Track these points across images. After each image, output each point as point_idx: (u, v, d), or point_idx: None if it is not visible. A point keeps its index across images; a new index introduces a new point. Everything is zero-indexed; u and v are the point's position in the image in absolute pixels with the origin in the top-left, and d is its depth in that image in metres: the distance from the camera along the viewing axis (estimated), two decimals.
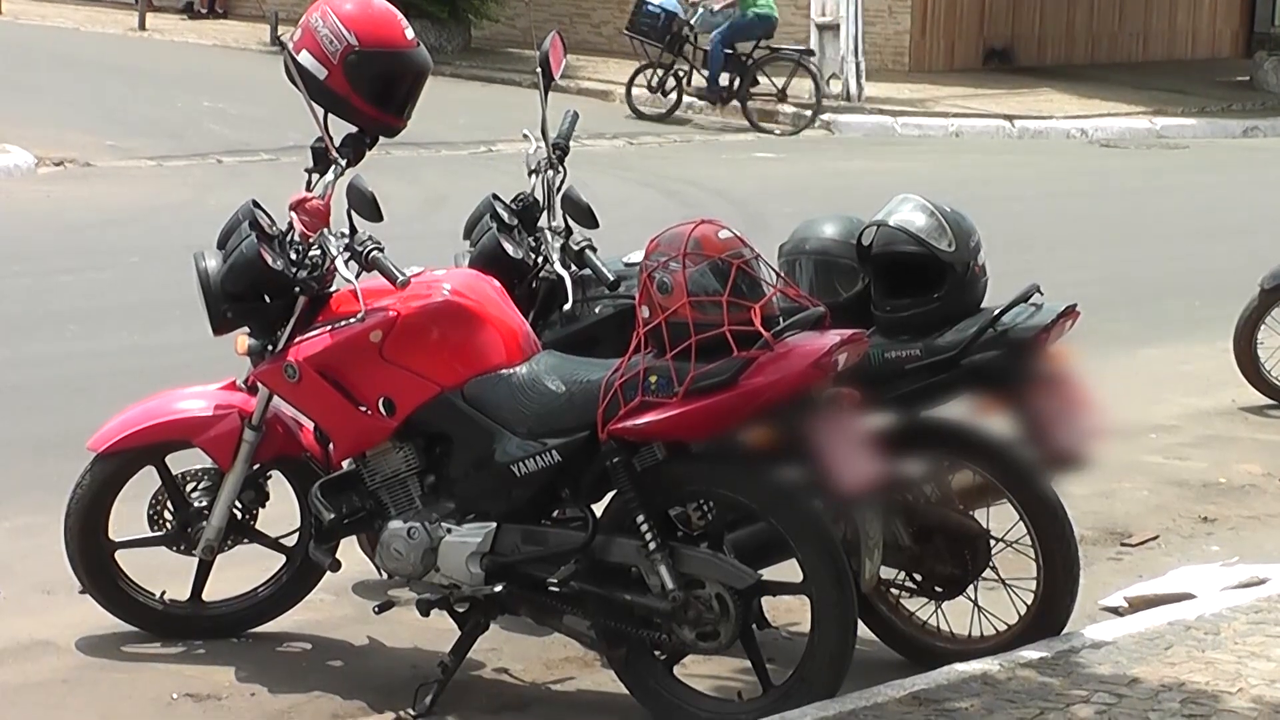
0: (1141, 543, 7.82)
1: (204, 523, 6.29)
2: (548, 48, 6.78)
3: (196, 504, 6.33)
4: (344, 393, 5.92)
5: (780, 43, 21.74)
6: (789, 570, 5.68)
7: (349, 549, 6.31)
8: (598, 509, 5.77)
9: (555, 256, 6.53)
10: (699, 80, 21.70)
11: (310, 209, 5.90)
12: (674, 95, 21.71)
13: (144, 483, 6.38)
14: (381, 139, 6.28)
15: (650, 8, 21.49)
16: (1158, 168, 20.38)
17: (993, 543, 6.20)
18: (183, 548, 6.37)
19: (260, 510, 6.42)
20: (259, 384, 6.16)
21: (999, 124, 22.61)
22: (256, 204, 6.15)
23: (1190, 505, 8.37)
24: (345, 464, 6.08)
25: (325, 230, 5.93)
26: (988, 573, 6.22)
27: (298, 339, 5.99)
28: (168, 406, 6.34)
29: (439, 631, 6.13)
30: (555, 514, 5.89)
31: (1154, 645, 6.08)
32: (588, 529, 5.68)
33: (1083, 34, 29.11)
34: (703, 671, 6.06)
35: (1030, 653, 5.95)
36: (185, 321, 8.12)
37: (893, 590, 6.29)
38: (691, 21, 21.54)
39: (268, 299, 6.05)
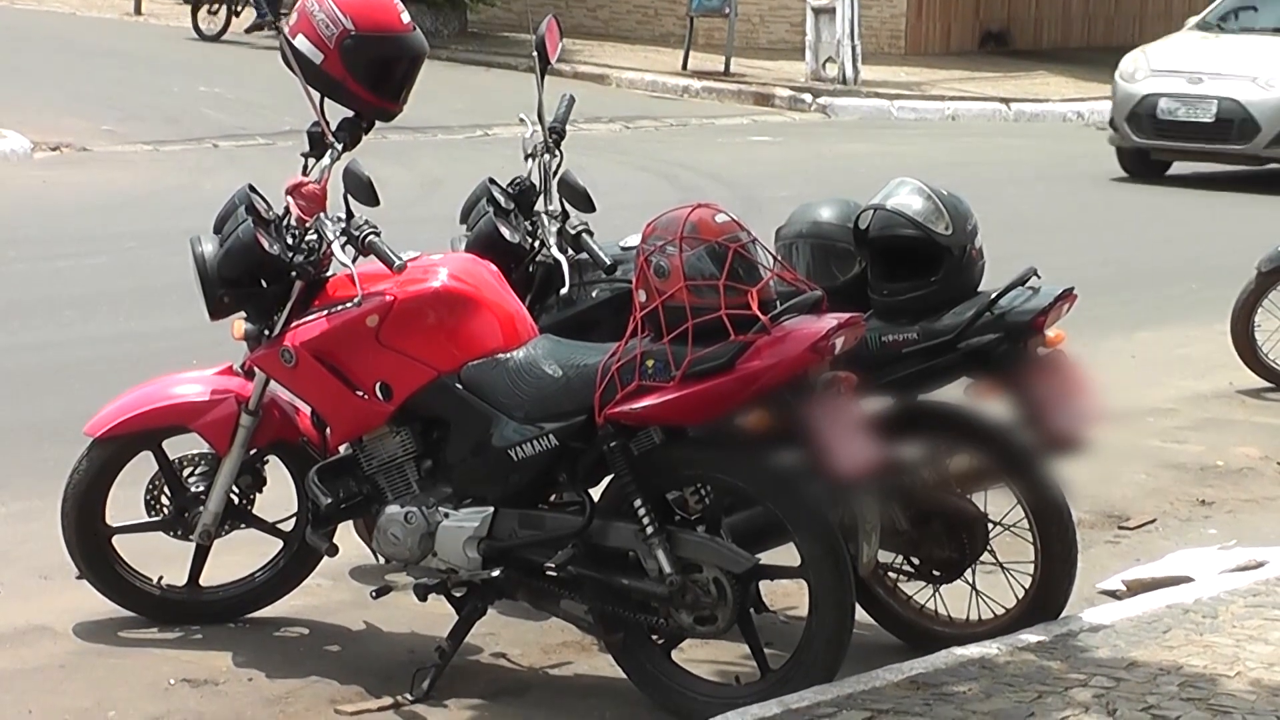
0: (1139, 526, 7.82)
1: (201, 508, 6.28)
2: (544, 32, 6.77)
3: (193, 489, 6.32)
4: (341, 377, 5.91)
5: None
6: (787, 554, 5.67)
7: (346, 534, 6.30)
8: (595, 493, 5.76)
9: (552, 241, 6.52)
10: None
11: (307, 193, 5.89)
12: (224, 17, 24.07)
13: (141, 468, 6.37)
14: (378, 123, 6.27)
15: None
16: None
17: (990, 526, 6.20)
18: (180, 533, 6.37)
19: (257, 495, 6.41)
20: (255, 369, 6.15)
21: (995, 107, 22.61)
22: (253, 189, 6.14)
23: (1188, 488, 8.36)
24: (342, 449, 6.07)
25: (322, 215, 5.91)
26: (985, 556, 6.21)
27: (294, 324, 5.98)
28: (164, 391, 6.33)
29: (436, 616, 6.12)
30: (552, 498, 5.89)
31: (1152, 629, 6.08)
32: (585, 513, 5.68)
33: (1079, 16, 29.10)
34: (700, 656, 6.05)
35: (1028, 636, 5.95)
36: (182, 306, 8.11)
37: (890, 574, 6.28)
38: None
39: (264, 284, 6.03)
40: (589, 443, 5.66)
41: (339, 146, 6.07)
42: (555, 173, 6.72)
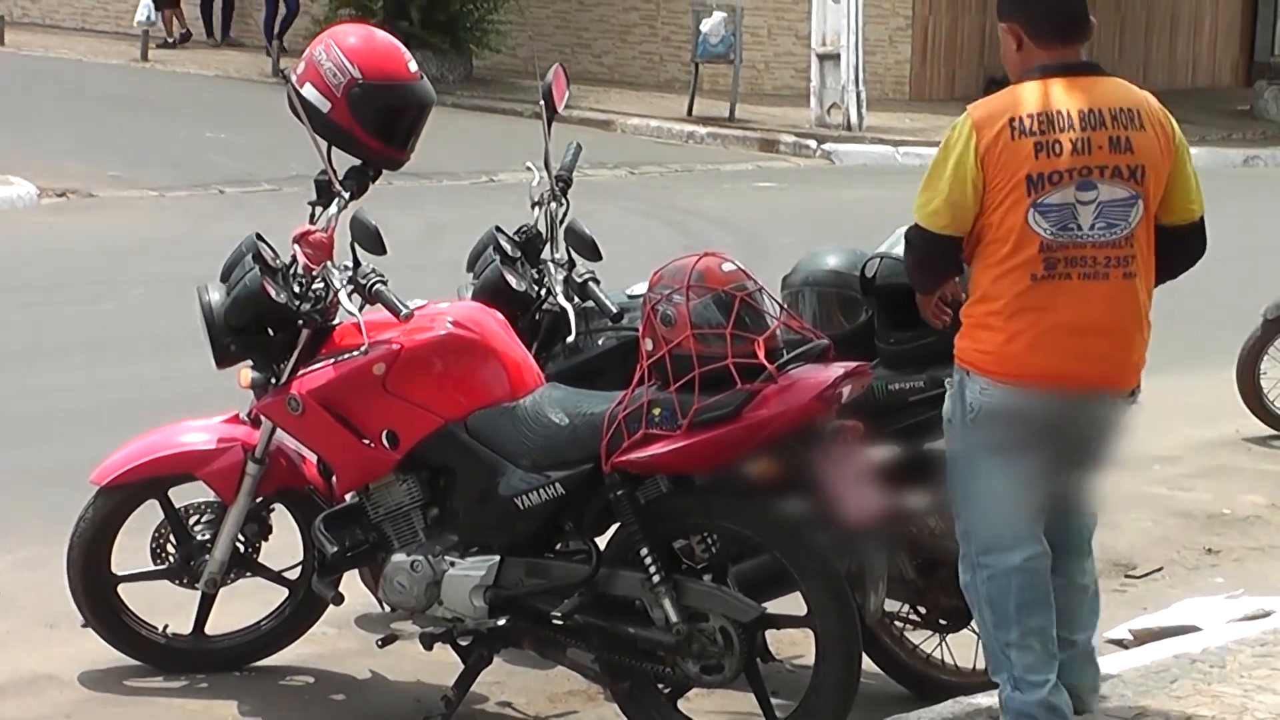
0: (1146, 575, 7.81)
1: (207, 556, 6.28)
2: (550, 81, 6.78)
3: (199, 537, 6.32)
4: (347, 425, 5.91)
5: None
6: (793, 603, 5.66)
7: (352, 582, 6.29)
8: (601, 542, 5.76)
9: (558, 289, 6.53)
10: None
11: (314, 242, 5.90)
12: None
13: (147, 516, 6.37)
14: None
15: None
16: None
17: None
18: (185, 581, 6.36)
19: (263, 543, 6.41)
20: (262, 417, 6.15)
21: None
22: (260, 237, 6.15)
23: (1194, 537, 8.35)
24: (348, 497, 6.07)
25: (329, 263, 5.92)
26: None
27: (301, 372, 5.99)
28: (171, 440, 6.33)
29: (442, 665, 6.11)
30: (559, 547, 5.88)
31: (1160, 678, 6.06)
32: (591, 562, 5.67)
33: None
34: (707, 705, 6.04)
35: None
36: (188, 353, 8.09)
37: (897, 623, 6.27)
38: None
39: (271, 332, 6.04)
40: (595, 491, 5.66)
41: (346, 195, 6.08)
42: (562, 221, 6.74)
